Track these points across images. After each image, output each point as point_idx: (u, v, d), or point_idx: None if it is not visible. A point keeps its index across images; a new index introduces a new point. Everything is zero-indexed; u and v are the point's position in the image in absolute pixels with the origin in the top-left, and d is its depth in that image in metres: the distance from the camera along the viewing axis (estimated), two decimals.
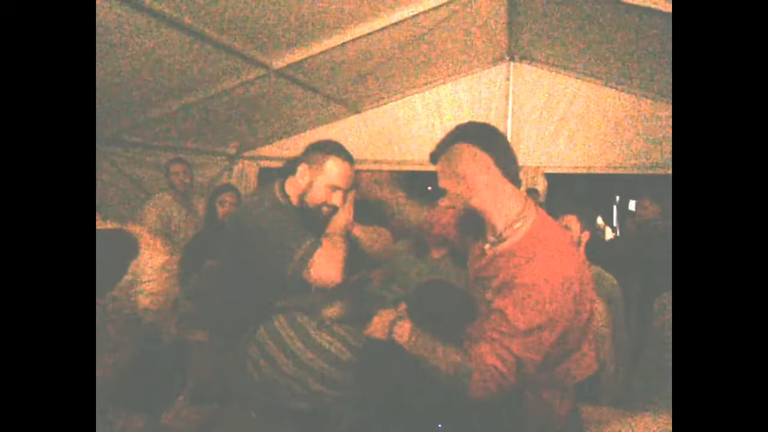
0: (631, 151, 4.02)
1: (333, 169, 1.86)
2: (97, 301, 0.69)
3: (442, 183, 1.44)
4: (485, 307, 1.41)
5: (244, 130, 4.22)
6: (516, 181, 1.41)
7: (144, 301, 0.77)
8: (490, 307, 1.34)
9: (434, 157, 1.45)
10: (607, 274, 2.46)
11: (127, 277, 0.77)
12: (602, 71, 3.81)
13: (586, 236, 2.40)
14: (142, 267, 0.78)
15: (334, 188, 1.87)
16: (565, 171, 4.15)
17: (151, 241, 0.81)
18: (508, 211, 1.37)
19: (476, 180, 1.35)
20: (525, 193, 1.42)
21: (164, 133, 3.67)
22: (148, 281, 0.78)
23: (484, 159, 1.35)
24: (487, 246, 1.45)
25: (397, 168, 4.55)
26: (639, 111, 3.94)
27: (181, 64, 2.60)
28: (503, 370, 1.23)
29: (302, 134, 4.47)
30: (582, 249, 2.31)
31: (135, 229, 0.82)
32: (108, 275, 0.73)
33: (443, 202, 1.48)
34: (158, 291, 0.79)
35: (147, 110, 3.16)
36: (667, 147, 3.88)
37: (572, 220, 2.40)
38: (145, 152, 3.78)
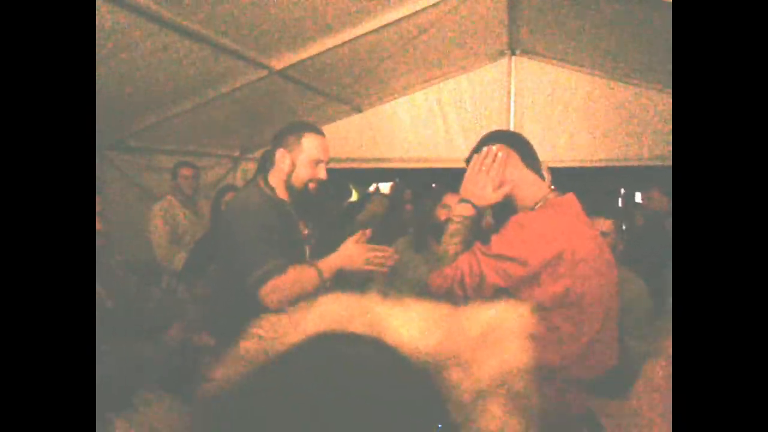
0: (635, 143, 3.99)
1: (311, 143, 1.93)
2: None
3: None
4: None
5: (247, 131, 4.22)
6: (539, 175, 1.66)
7: None
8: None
9: (469, 161, 1.71)
10: (636, 279, 2.44)
11: None
12: (604, 63, 3.79)
13: (619, 244, 2.43)
14: None
15: (317, 162, 1.94)
16: (568, 164, 4.13)
17: None
18: (532, 194, 1.59)
19: (507, 169, 1.60)
20: (549, 186, 1.67)
21: (167, 137, 3.68)
22: None
23: (512, 153, 1.62)
24: None
25: (400, 166, 4.54)
26: (642, 103, 3.92)
27: (183, 67, 2.61)
28: (466, 277, 1.46)
29: None
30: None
31: None
32: None
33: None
34: None
35: (149, 114, 3.17)
36: (671, 138, 3.85)
37: (608, 225, 2.42)
38: (148, 156, 3.79)
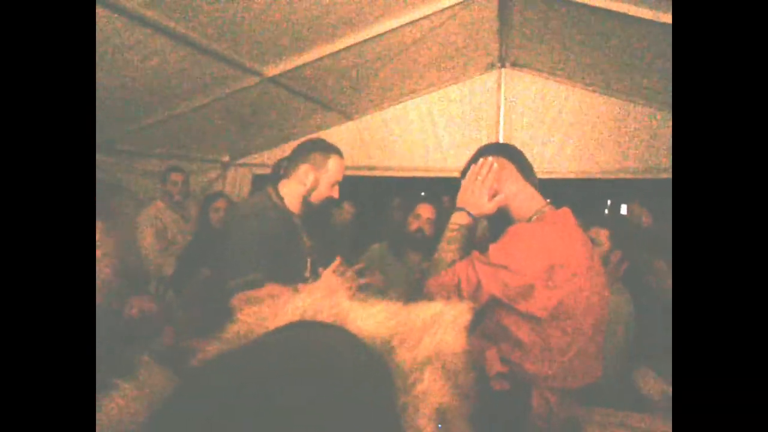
0: (622, 155, 4.05)
1: (336, 166, 2.02)
2: None
3: None
4: None
5: (238, 137, 4.22)
6: (536, 188, 1.68)
7: None
8: None
9: (465, 172, 1.72)
10: (623, 291, 2.46)
11: None
12: (593, 77, 3.85)
13: (616, 255, 2.43)
14: None
15: (335, 183, 2.04)
16: (556, 176, 4.18)
17: None
18: (528, 207, 1.62)
19: (504, 181, 1.64)
20: (545, 199, 1.66)
21: (157, 141, 3.66)
22: None
23: (509, 165, 1.65)
24: None
25: (390, 174, 4.56)
26: (629, 116, 3.98)
27: (175, 73, 2.61)
28: (463, 284, 1.47)
29: (296, 141, 4.45)
30: (608, 267, 2.33)
31: None
32: None
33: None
34: None
35: (140, 118, 3.16)
36: (659, 151, 3.91)
37: (603, 235, 2.44)
38: (137, 160, 3.77)
